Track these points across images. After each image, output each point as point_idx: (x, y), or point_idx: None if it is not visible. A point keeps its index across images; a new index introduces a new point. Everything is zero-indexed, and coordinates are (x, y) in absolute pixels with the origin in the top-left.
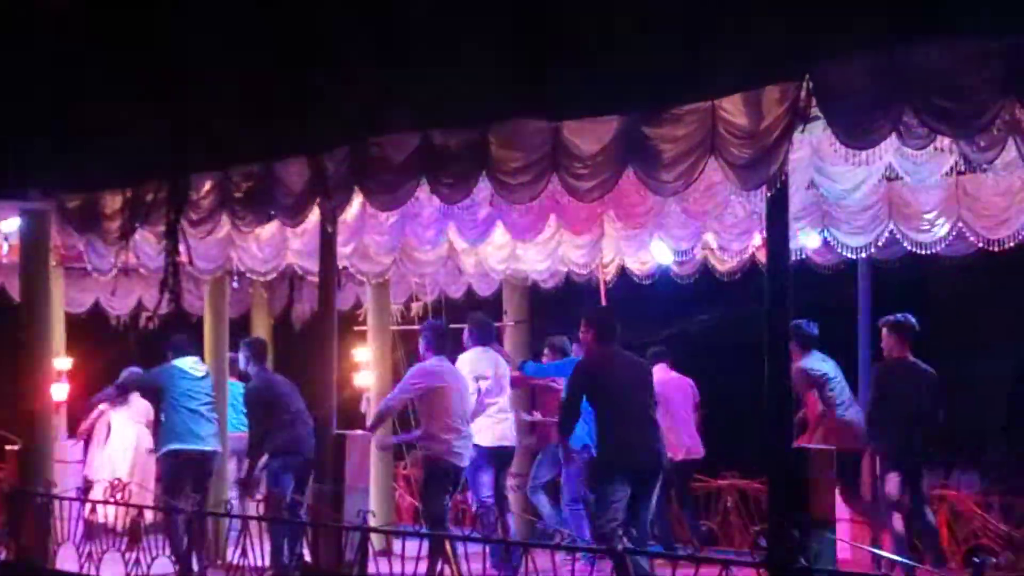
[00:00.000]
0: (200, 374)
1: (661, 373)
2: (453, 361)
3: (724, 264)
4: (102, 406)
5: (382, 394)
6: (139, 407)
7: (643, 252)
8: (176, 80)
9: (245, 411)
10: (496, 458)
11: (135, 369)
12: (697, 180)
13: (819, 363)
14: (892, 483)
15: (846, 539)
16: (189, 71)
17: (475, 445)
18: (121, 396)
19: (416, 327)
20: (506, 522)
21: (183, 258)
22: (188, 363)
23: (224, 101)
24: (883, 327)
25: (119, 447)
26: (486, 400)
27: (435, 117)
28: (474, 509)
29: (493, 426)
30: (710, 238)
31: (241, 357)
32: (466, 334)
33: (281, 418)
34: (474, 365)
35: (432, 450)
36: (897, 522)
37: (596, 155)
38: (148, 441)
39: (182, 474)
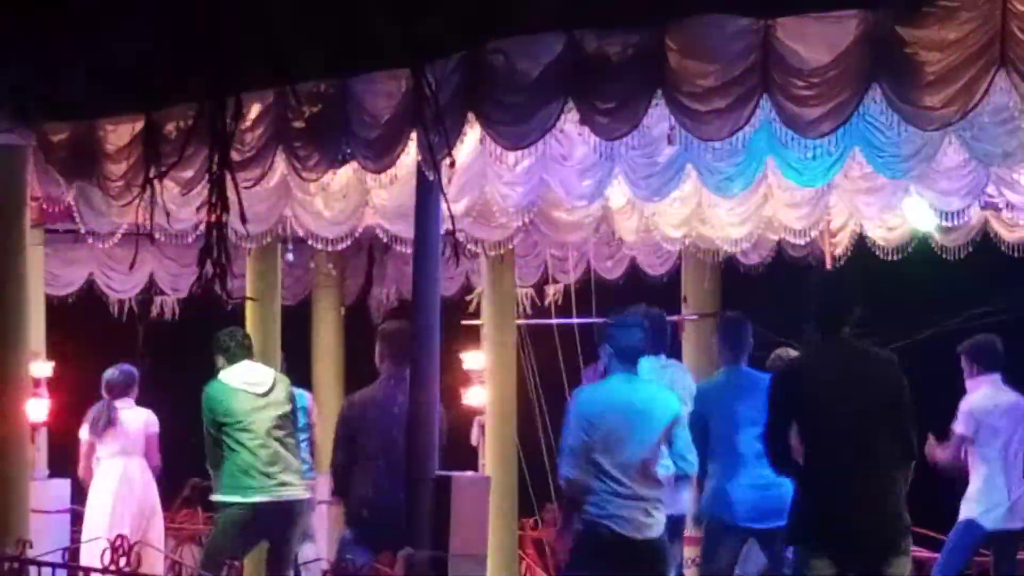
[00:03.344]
0: (261, 389)
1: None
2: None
3: (1013, 232)
4: (83, 435)
5: (502, 417)
6: (129, 431)
7: (891, 214)
8: None
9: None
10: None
11: (127, 367)
12: (978, 105)
13: None
14: None
15: None
16: None
17: None
18: (101, 421)
19: (553, 321)
20: None
21: (233, 216)
22: (238, 376)
23: None
24: None
25: (107, 492)
26: None
27: (587, 11)
28: None
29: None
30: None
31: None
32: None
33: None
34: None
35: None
36: None
37: (827, 68)
38: (144, 478)
39: (235, 533)
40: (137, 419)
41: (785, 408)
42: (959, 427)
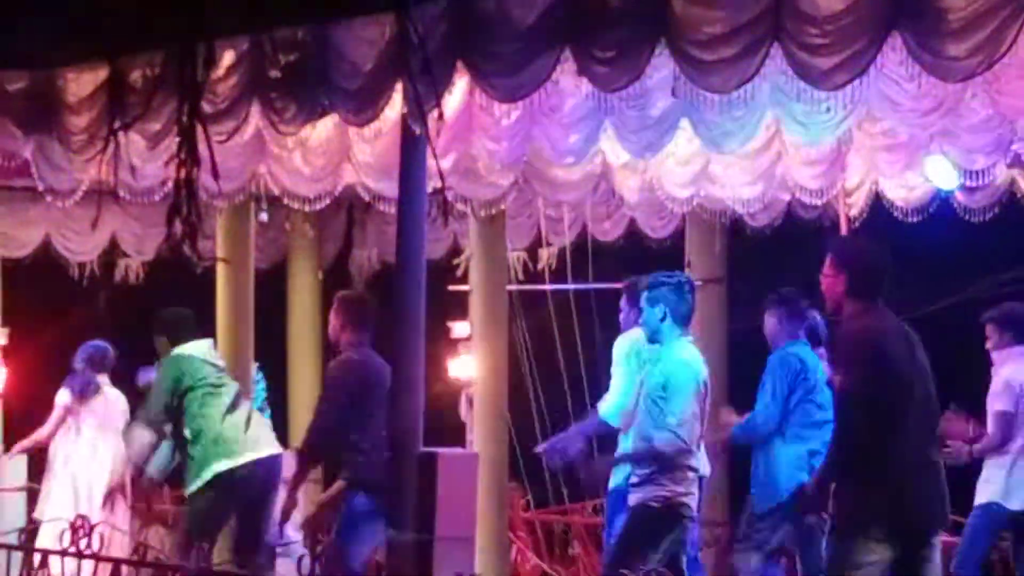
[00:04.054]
0: (222, 364)
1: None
2: None
3: None
4: (63, 399)
5: (492, 390)
6: (114, 409)
7: (910, 172)
8: None
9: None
10: None
11: (97, 342)
12: (1005, 55)
13: None
14: None
15: None
16: None
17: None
18: (92, 387)
19: (547, 287)
20: None
21: (203, 172)
22: (204, 349)
23: None
24: None
25: (90, 470)
26: None
27: None
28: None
29: None
30: None
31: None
32: (625, 304)
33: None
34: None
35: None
36: None
37: (840, 15)
38: (117, 462)
39: (228, 505)
40: (117, 398)
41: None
42: (1000, 403)
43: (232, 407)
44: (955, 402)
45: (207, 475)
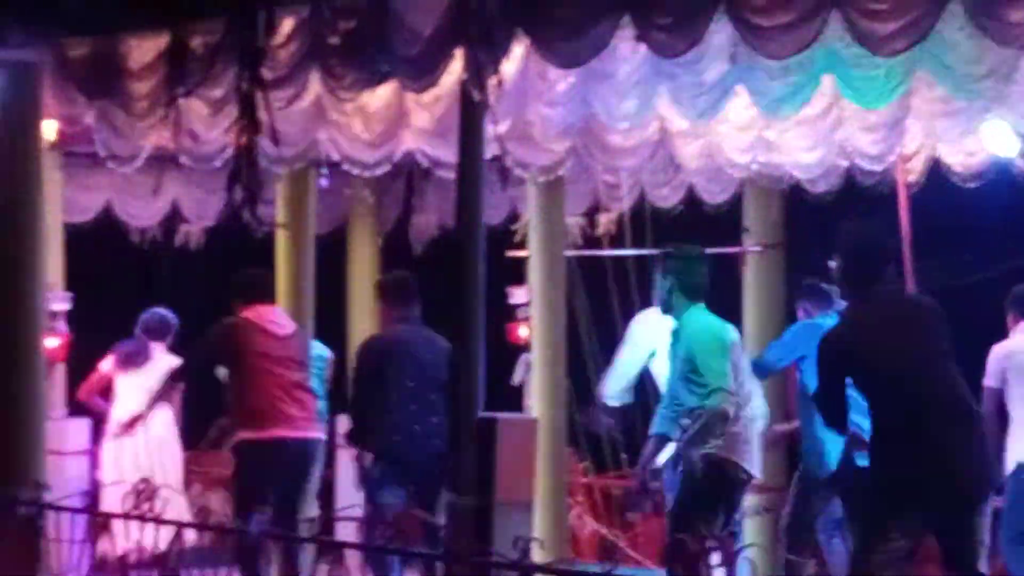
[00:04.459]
0: (286, 331)
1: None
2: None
3: None
4: (105, 366)
5: (551, 355)
6: (158, 371)
7: (969, 138)
8: None
9: (352, 380)
10: None
11: (160, 311)
12: None
13: None
14: None
15: None
16: None
17: None
18: (139, 356)
19: (605, 252)
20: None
21: (264, 139)
22: (266, 315)
23: None
24: None
25: (128, 437)
26: None
27: None
28: None
29: None
30: None
31: None
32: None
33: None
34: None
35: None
36: None
37: None
38: (170, 426)
39: (261, 476)
40: (166, 365)
41: (839, 372)
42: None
43: (283, 381)
44: None
45: (232, 442)
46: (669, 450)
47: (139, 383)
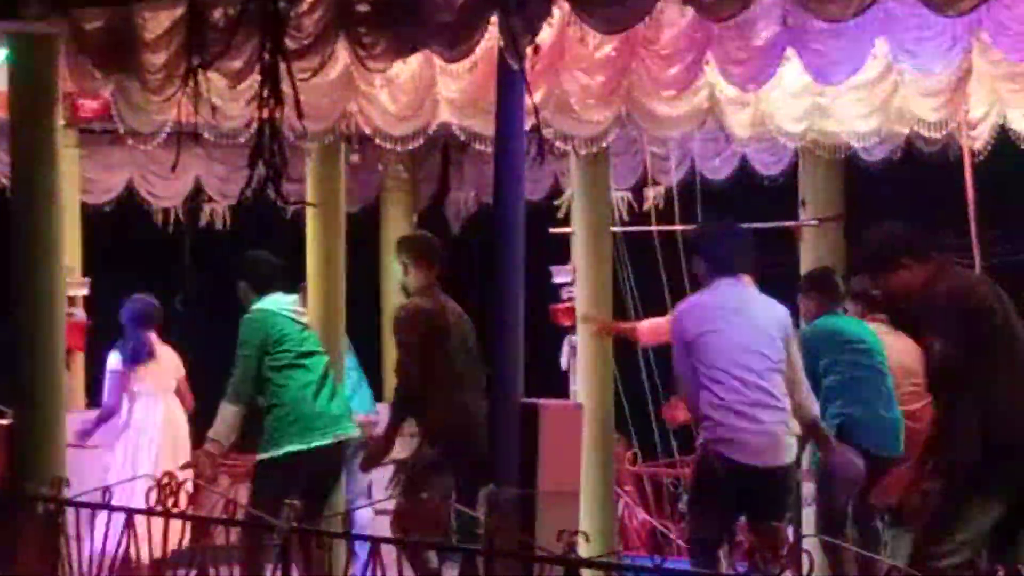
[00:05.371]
0: (306, 319)
1: None
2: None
3: None
4: (114, 363)
5: (596, 337)
6: (165, 363)
7: None
8: None
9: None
10: None
11: (144, 298)
12: None
13: None
14: None
15: None
16: None
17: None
18: (145, 350)
19: (653, 228)
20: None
21: (288, 112)
22: (288, 303)
23: None
24: None
25: (151, 430)
26: None
27: None
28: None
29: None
30: None
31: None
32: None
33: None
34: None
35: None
36: None
37: None
38: (182, 420)
39: (295, 483)
40: (171, 356)
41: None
42: None
43: (318, 383)
44: None
45: (277, 452)
46: None
47: (148, 379)
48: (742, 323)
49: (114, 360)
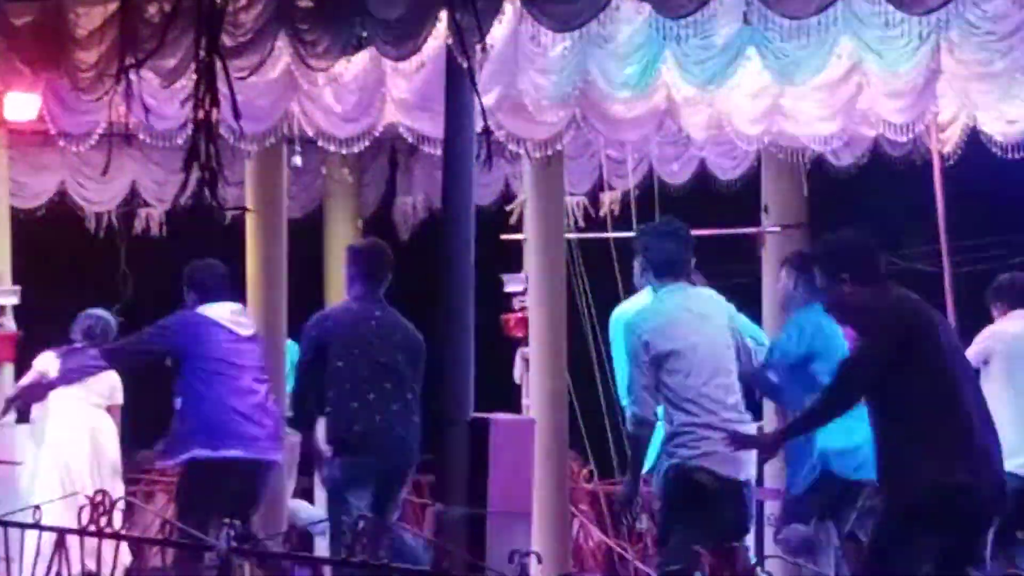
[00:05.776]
0: (247, 332)
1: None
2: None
3: None
4: (39, 366)
5: (550, 349)
6: (102, 383)
7: (1010, 104)
8: None
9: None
10: None
11: (98, 312)
12: None
13: None
14: None
15: None
16: None
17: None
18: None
19: (610, 235)
20: None
21: (224, 112)
22: (226, 312)
23: None
24: None
25: (67, 448)
26: None
27: None
28: None
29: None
30: None
31: None
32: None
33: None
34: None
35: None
36: None
37: None
38: (112, 439)
39: (209, 498)
40: (112, 375)
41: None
42: None
43: (244, 392)
44: None
45: (183, 457)
46: None
47: (82, 396)
48: (713, 335)
49: (41, 362)
